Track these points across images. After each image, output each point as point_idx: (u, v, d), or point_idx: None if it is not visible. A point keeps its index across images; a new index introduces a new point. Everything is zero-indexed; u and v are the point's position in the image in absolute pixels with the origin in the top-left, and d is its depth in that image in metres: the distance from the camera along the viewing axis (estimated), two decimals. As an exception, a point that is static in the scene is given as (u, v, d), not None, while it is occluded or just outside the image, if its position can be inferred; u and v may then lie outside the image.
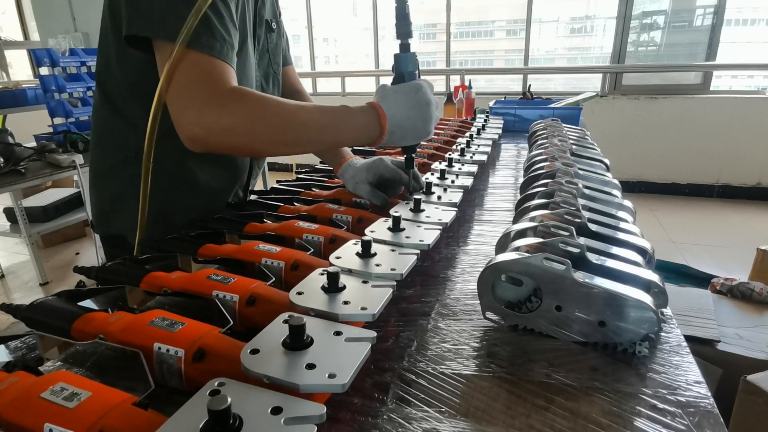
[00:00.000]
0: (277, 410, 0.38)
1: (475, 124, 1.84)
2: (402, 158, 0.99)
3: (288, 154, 0.84)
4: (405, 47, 0.85)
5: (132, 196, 0.93)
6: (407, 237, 0.75)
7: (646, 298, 0.54)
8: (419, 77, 0.87)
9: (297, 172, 1.28)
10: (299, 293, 0.56)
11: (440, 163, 1.19)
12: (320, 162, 1.30)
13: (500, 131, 1.80)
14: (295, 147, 0.82)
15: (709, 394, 0.48)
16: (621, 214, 0.80)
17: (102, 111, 0.94)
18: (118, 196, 0.96)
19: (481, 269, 0.60)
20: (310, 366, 0.43)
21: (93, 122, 0.98)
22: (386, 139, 0.84)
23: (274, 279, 0.63)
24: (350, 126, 0.82)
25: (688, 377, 0.51)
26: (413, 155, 0.94)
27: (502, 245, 0.71)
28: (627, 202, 0.84)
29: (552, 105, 2.28)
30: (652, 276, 0.59)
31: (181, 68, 0.74)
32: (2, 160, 2.40)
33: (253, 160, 1.13)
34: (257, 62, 1.04)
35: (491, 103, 2.30)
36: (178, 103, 0.75)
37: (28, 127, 3.53)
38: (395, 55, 0.85)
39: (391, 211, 0.82)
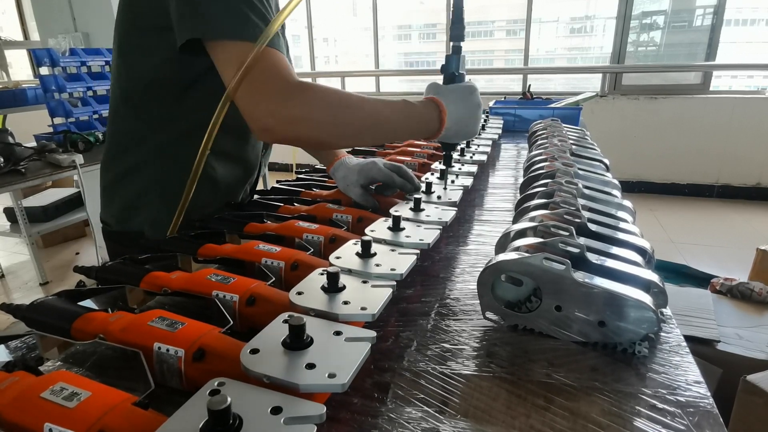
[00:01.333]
0: (276, 410, 0.38)
1: (475, 124, 1.84)
2: (393, 163, 1.02)
3: (351, 145, 0.88)
4: (457, 49, 0.88)
5: (154, 193, 0.95)
6: (407, 236, 0.75)
7: (646, 298, 0.54)
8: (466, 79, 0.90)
9: (297, 172, 1.28)
10: (299, 293, 0.56)
11: (440, 163, 1.19)
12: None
13: (500, 131, 1.80)
14: (359, 137, 0.84)
15: (709, 394, 0.48)
16: (621, 214, 0.80)
17: (121, 110, 0.95)
18: (140, 194, 0.96)
19: (481, 269, 0.60)
20: (310, 366, 0.43)
21: (110, 122, 0.98)
22: (442, 135, 0.87)
23: (274, 279, 0.63)
24: (413, 119, 0.84)
25: (688, 377, 0.51)
26: (452, 153, 0.98)
27: (502, 245, 0.71)
28: (627, 202, 0.84)
29: (552, 105, 2.28)
30: (652, 276, 0.59)
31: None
32: (2, 160, 2.39)
33: (262, 157, 1.14)
34: None
35: (491, 103, 2.29)
36: (249, 95, 0.76)
37: (28, 127, 3.52)
38: (447, 56, 0.89)
39: (391, 211, 0.82)
